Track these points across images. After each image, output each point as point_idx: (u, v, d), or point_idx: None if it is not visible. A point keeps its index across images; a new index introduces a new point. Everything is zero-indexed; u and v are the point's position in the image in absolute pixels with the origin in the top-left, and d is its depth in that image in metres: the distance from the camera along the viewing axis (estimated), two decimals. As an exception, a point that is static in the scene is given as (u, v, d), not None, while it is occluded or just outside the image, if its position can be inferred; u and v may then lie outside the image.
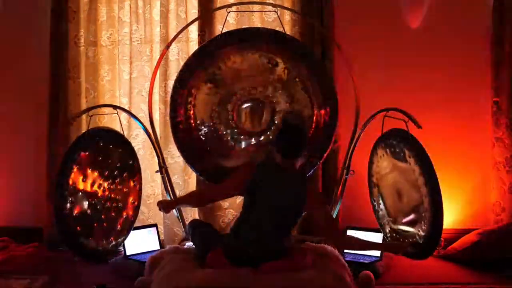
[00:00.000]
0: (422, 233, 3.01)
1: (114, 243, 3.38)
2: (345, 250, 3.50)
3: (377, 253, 3.41)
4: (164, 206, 3.13)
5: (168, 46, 3.71)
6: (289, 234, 3.06)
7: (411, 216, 3.12)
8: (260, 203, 2.94)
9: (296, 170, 3.03)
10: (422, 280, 3.28)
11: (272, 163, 3.05)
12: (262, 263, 2.77)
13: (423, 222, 3.01)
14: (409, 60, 3.97)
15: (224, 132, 3.54)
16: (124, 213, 3.43)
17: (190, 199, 3.31)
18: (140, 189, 3.53)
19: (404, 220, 3.18)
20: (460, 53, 3.98)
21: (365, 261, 3.38)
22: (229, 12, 3.61)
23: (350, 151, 3.54)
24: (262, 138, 3.55)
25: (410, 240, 3.11)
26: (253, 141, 3.57)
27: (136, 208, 3.51)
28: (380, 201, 3.36)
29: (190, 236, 3.15)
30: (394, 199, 3.26)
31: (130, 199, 3.48)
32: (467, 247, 3.61)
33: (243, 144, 3.57)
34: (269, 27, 3.68)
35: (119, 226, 3.41)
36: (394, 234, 3.26)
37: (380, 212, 3.38)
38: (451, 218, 3.98)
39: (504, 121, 3.87)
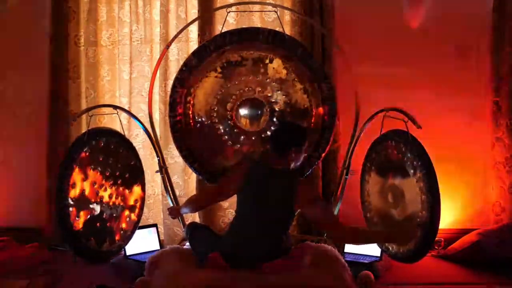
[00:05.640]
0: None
1: (117, 244, 3.38)
2: (345, 250, 3.50)
3: (377, 253, 3.40)
4: (171, 212, 3.38)
5: (168, 46, 3.71)
6: (283, 233, 2.96)
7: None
8: (247, 202, 2.96)
9: (287, 169, 3.00)
10: (422, 280, 3.28)
11: (262, 162, 3.09)
12: (261, 264, 2.77)
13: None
14: (409, 60, 3.97)
15: (222, 131, 3.54)
16: (127, 213, 3.43)
17: (190, 205, 3.28)
18: (144, 190, 3.53)
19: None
20: (460, 53, 3.98)
21: (365, 261, 3.37)
22: (229, 12, 3.61)
23: (350, 151, 3.54)
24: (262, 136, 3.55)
25: (417, 221, 2.91)
26: (252, 140, 3.56)
27: (140, 209, 3.52)
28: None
29: (188, 239, 3.13)
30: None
31: (133, 199, 3.47)
32: (467, 247, 3.60)
33: (241, 144, 3.56)
34: (269, 27, 3.68)
35: (121, 227, 3.41)
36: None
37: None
38: (451, 218, 3.97)
39: (504, 121, 3.87)
